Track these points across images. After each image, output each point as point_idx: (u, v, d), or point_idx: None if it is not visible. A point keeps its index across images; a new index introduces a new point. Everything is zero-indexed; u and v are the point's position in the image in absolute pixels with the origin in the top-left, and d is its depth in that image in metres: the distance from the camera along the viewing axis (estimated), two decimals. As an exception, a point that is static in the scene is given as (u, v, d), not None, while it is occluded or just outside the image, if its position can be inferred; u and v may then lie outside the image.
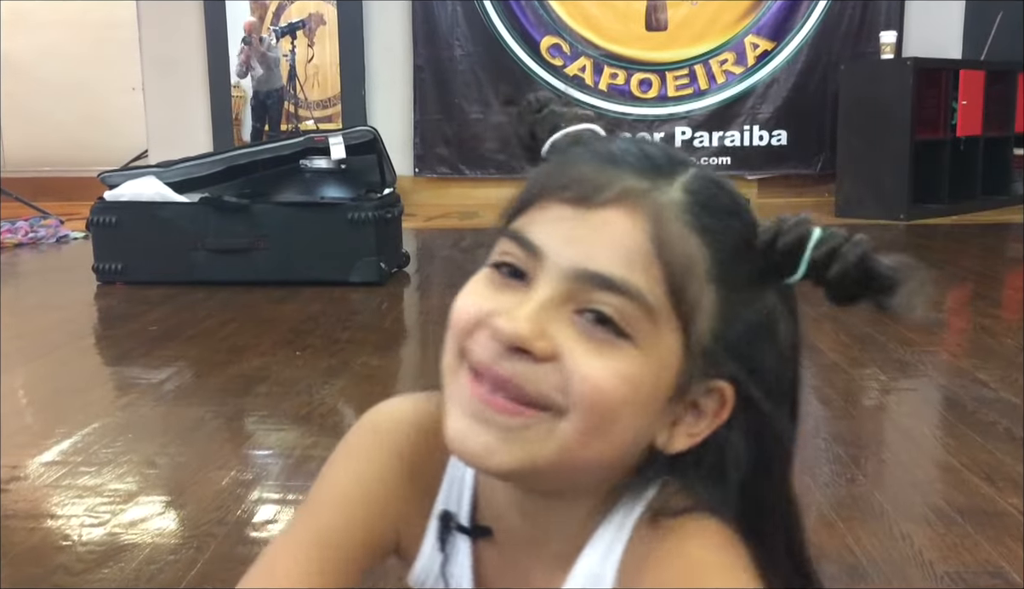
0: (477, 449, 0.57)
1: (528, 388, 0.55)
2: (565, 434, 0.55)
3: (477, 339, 0.57)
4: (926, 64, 4.99)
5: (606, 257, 0.55)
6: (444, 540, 0.67)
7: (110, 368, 2.55)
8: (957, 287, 3.42)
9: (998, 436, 1.76)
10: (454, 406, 0.58)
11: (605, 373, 0.55)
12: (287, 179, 3.54)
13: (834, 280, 0.56)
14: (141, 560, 1.32)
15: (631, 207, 0.56)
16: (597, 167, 0.58)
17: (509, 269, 0.58)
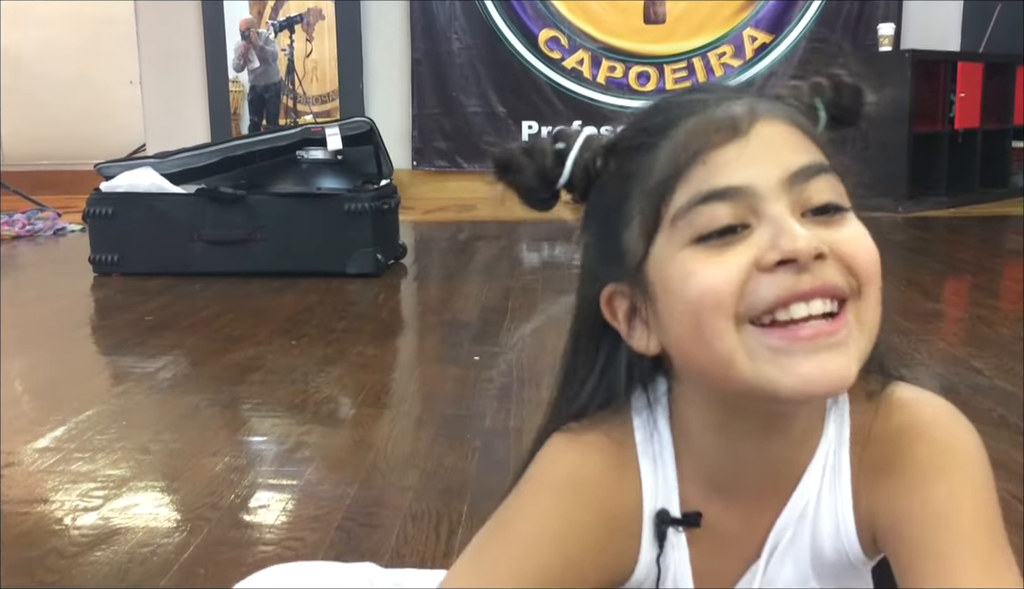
0: (838, 373, 0.58)
1: (839, 282, 0.58)
2: (867, 311, 0.59)
3: (752, 288, 0.58)
4: (924, 56, 4.98)
5: (795, 155, 0.60)
6: (663, 536, 0.67)
7: (106, 357, 2.55)
8: (955, 278, 3.42)
9: (993, 423, 1.75)
10: (780, 362, 0.58)
11: (863, 236, 0.61)
12: (284, 170, 3.54)
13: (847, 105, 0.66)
14: (134, 543, 1.31)
15: (765, 118, 0.61)
16: (705, 115, 0.62)
17: (719, 232, 0.59)
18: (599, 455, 0.67)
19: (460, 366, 2.22)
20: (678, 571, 0.68)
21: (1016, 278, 3.47)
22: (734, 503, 0.68)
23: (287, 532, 1.35)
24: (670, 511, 0.67)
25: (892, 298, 2.98)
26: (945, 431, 0.64)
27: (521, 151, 0.67)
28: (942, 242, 4.16)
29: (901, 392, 0.66)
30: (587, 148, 0.65)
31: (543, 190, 0.67)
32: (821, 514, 0.66)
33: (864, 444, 0.65)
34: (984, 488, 0.62)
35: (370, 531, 1.34)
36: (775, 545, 0.67)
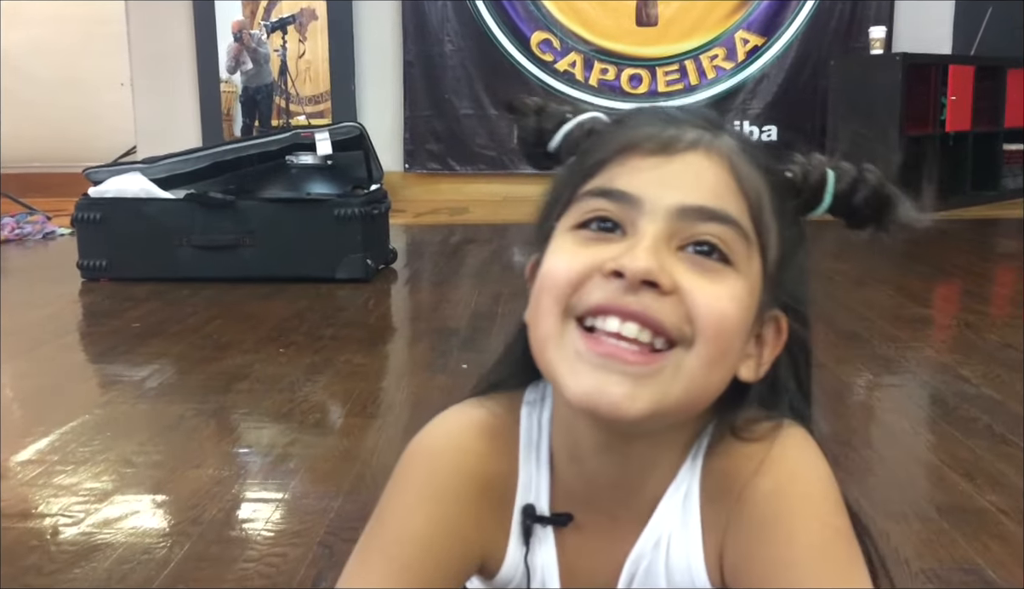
0: (616, 399, 0.57)
1: (665, 320, 0.58)
2: (692, 367, 0.58)
3: (588, 288, 0.59)
4: (916, 59, 4.98)
5: (700, 193, 0.60)
6: (528, 533, 0.68)
7: (92, 365, 2.54)
8: (944, 283, 3.42)
9: (978, 432, 1.76)
10: (574, 366, 0.59)
11: (724, 298, 0.59)
12: (273, 175, 3.53)
13: (860, 205, 0.64)
14: (114, 560, 1.31)
15: (706, 150, 0.61)
16: (662, 124, 0.63)
17: (599, 223, 0.61)
18: (478, 429, 0.69)
19: (448, 374, 2.21)
20: (546, 573, 0.69)
21: (1005, 283, 3.47)
22: (597, 518, 0.68)
23: (269, 548, 1.35)
24: (538, 507, 0.68)
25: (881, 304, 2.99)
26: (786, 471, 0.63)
27: (534, 105, 0.70)
28: (932, 245, 4.15)
29: (763, 428, 0.65)
30: (581, 126, 0.68)
31: (536, 146, 0.70)
32: (673, 547, 0.66)
33: (717, 481, 0.65)
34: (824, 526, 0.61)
35: (352, 546, 1.33)
36: (633, 573, 0.67)
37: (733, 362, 0.61)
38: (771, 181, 0.63)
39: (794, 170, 0.64)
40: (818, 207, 0.65)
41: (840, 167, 0.65)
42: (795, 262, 0.65)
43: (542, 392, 0.70)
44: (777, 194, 0.63)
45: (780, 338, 0.65)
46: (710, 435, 0.66)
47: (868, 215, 0.65)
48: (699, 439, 0.66)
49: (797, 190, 0.64)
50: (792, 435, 0.65)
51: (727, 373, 0.61)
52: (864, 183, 0.64)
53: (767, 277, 0.62)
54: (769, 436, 0.64)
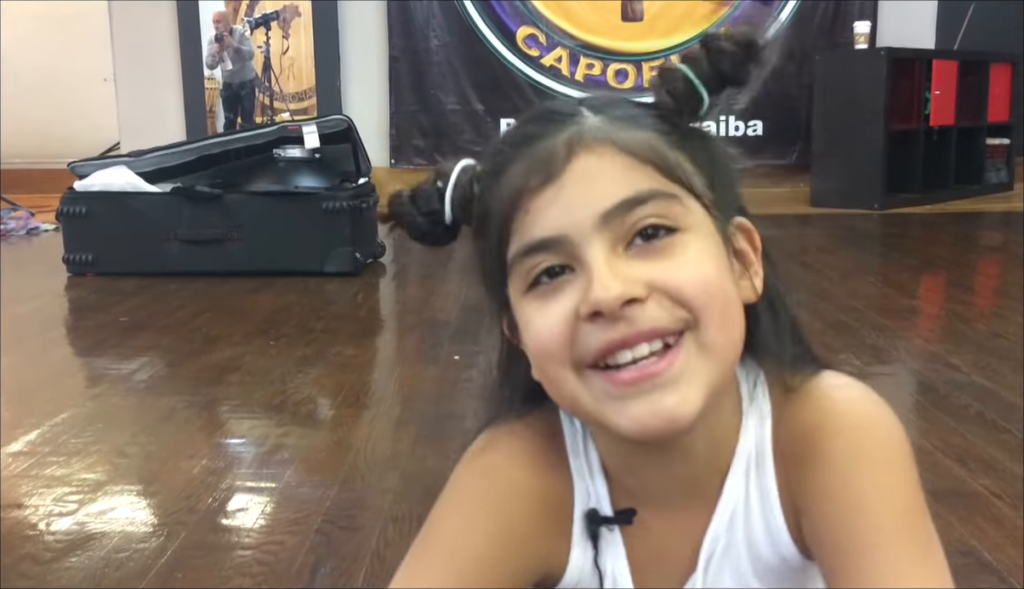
0: (668, 413, 0.57)
1: (658, 323, 0.57)
2: (710, 338, 0.58)
3: (580, 338, 0.58)
4: (900, 54, 5.02)
5: (609, 190, 0.58)
6: (596, 536, 0.67)
7: (80, 359, 2.52)
8: (931, 275, 3.45)
9: (970, 419, 1.77)
10: (614, 407, 0.58)
11: (693, 263, 0.58)
12: (260, 168, 3.51)
13: (729, 68, 0.61)
14: (109, 548, 1.30)
15: (585, 149, 0.59)
16: (527, 154, 0.60)
17: (547, 273, 0.59)
18: (528, 447, 0.68)
19: (440, 366, 2.21)
20: (616, 573, 0.68)
21: (991, 274, 3.50)
22: (661, 510, 0.67)
23: (266, 536, 1.34)
24: (600, 511, 0.67)
25: (869, 295, 3.01)
26: (860, 424, 0.62)
27: (408, 198, 0.67)
28: (918, 239, 4.19)
29: (823, 382, 0.65)
30: (459, 184, 0.65)
31: (435, 231, 0.67)
32: (752, 517, 0.65)
33: (786, 444, 0.64)
34: (902, 481, 0.60)
35: (351, 534, 1.33)
36: (710, 555, 0.66)
37: (736, 303, 0.61)
38: (652, 124, 0.61)
39: (660, 97, 0.62)
40: (702, 105, 0.62)
41: (689, 56, 0.62)
42: (721, 170, 0.63)
43: None
44: (665, 131, 0.61)
45: (754, 239, 0.64)
46: (767, 403, 0.65)
47: (743, 69, 0.61)
48: (748, 400, 0.65)
49: (677, 110, 0.62)
50: (845, 386, 0.65)
51: (739, 319, 0.61)
52: (716, 49, 0.61)
53: (710, 207, 0.61)
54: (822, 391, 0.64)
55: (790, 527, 0.64)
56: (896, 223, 4.56)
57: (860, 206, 4.86)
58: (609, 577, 0.68)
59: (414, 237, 0.67)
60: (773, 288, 0.66)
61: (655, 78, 0.62)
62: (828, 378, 0.65)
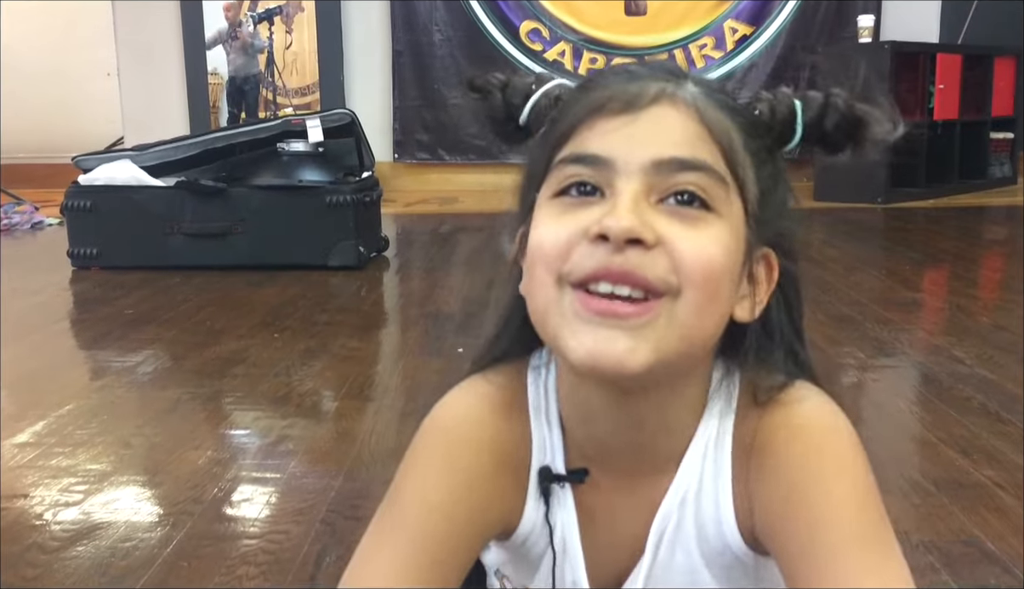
0: (617, 354, 0.58)
1: (649, 274, 0.58)
2: (684, 314, 0.59)
3: (577, 254, 0.59)
4: (903, 48, 5.01)
5: (672, 144, 0.60)
6: (547, 492, 0.69)
7: (85, 351, 2.52)
8: (934, 268, 3.45)
9: (973, 411, 1.77)
10: (574, 327, 0.59)
11: (708, 243, 0.59)
12: (264, 162, 3.51)
13: (832, 130, 0.63)
14: (116, 537, 1.30)
15: (671, 102, 0.61)
16: (623, 83, 0.63)
17: (579, 188, 0.61)
18: (489, 402, 0.70)
19: (444, 358, 2.21)
20: (566, 530, 0.69)
21: (995, 268, 3.50)
22: (614, 476, 0.68)
23: (271, 526, 1.35)
24: (554, 468, 0.69)
25: (872, 288, 3.01)
26: (818, 429, 0.64)
27: (498, 82, 0.70)
28: (921, 233, 4.18)
29: (786, 392, 0.66)
30: (547, 94, 0.68)
31: (506, 122, 0.70)
32: (703, 500, 0.66)
33: (745, 440, 0.65)
34: (859, 486, 0.62)
35: (355, 524, 1.33)
36: (661, 531, 0.67)
37: (726, 305, 0.62)
38: (740, 122, 0.63)
39: (761, 107, 0.64)
40: (792, 139, 0.64)
41: (806, 96, 0.64)
42: (776, 198, 0.65)
43: (546, 358, 0.71)
44: (748, 134, 0.63)
45: (772, 274, 0.66)
46: (735, 397, 0.67)
47: (842, 138, 0.64)
48: (715, 392, 0.67)
49: (768, 127, 0.64)
50: (813, 395, 0.66)
51: (720, 317, 0.62)
52: (832, 107, 0.63)
53: (750, 216, 0.62)
54: (790, 398, 0.65)
55: (740, 521, 0.65)
56: (900, 217, 4.56)
57: (863, 200, 4.85)
58: (559, 533, 0.69)
59: (487, 115, 0.70)
60: (775, 326, 0.68)
61: (768, 93, 0.64)
62: (793, 388, 0.66)
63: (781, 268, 0.66)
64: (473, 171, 5.85)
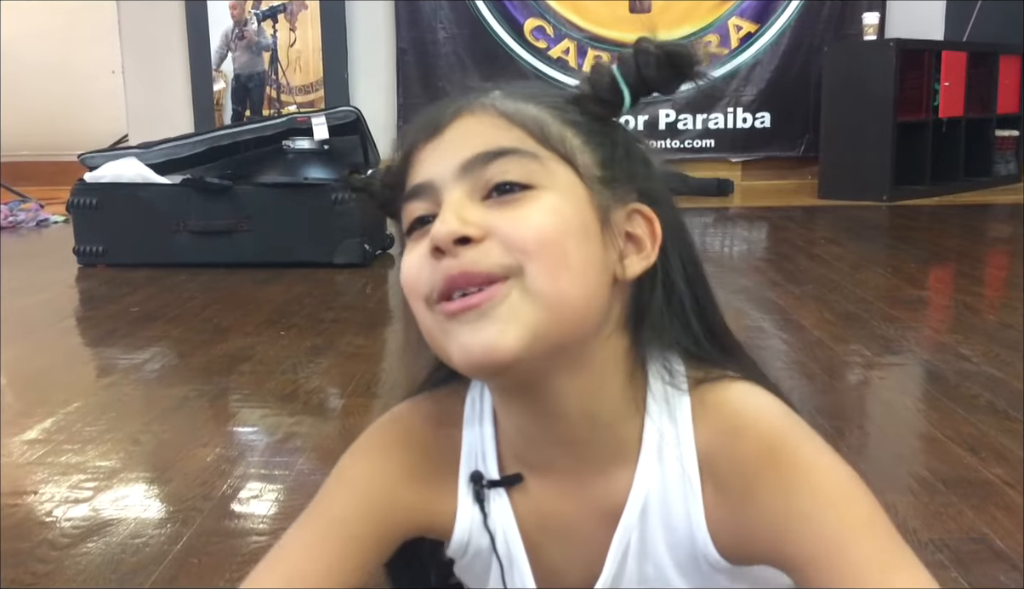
0: (484, 344, 0.60)
1: (483, 265, 0.60)
2: (535, 284, 0.60)
3: (426, 273, 0.62)
4: (908, 45, 5.00)
5: (475, 144, 0.63)
6: (480, 498, 0.70)
7: (92, 349, 2.53)
8: (940, 266, 3.44)
9: (981, 408, 1.77)
10: (448, 335, 0.62)
11: (533, 215, 0.61)
12: (270, 160, 3.52)
13: (654, 74, 0.65)
14: (126, 534, 1.31)
15: (469, 112, 0.65)
16: (430, 113, 0.67)
17: (420, 221, 0.65)
18: (423, 413, 0.74)
19: (450, 355, 2.21)
20: (508, 536, 0.71)
21: (1000, 265, 3.49)
22: (561, 480, 0.69)
23: (280, 522, 1.35)
24: (486, 474, 0.71)
25: (878, 286, 3.00)
26: (788, 443, 0.63)
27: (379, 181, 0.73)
28: (927, 230, 4.18)
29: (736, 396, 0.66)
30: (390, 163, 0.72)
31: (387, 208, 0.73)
32: (671, 513, 0.66)
33: (713, 460, 0.65)
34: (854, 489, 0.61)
35: (364, 520, 1.33)
36: (625, 546, 0.67)
37: (585, 268, 0.62)
38: (549, 102, 0.65)
39: (581, 86, 0.67)
40: (623, 101, 0.66)
41: (620, 56, 0.66)
42: (621, 157, 0.67)
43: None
44: (562, 110, 0.65)
45: (654, 227, 0.66)
46: (685, 396, 0.67)
47: (667, 76, 0.65)
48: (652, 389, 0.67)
49: (595, 99, 0.66)
50: (765, 401, 0.66)
51: (583, 280, 0.62)
52: (643, 52, 0.65)
53: (589, 180, 0.64)
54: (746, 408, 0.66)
55: (714, 535, 0.65)
56: (904, 215, 4.55)
57: (868, 198, 4.85)
58: (501, 539, 0.71)
59: (378, 207, 0.74)
60: (676, 284, 0.68)
61: (587, 71, 0.67)
62: (740, 390, 0.67)
63: (665, 219, 0.67)
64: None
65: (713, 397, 0.66)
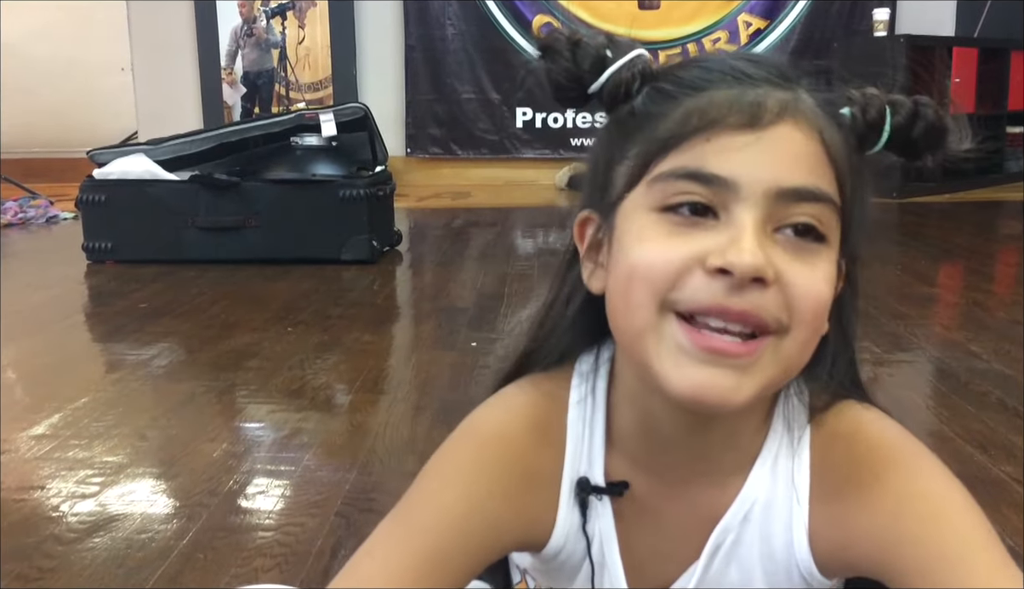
0: (721, 392, 0.56)
1: (764, 315, 0.56)
2: (789, 350, 0.57)
3: (691, 285, 0.56)
4: (919, 42, 4.97)
5: (796, 171, 0.57)
6: (584, 505, 0.66)
7: (100, 344, 2.53)
8: (950, 264, 3.42)
9: (991, 406, 1.76)
10: (677, 360, 0.57)
11: (819, 280, 0.57)
12: (278, 156, 3.51)
13: (918, 138, 0.60)
14: (132, 529, 1.31)
15: (793, 119, 0.57)
16: (738, 87, 0.59)
17: (690, 208, 0.57)
18: (524, 420, 0.67)
19: (457, 352, 2.21)
20: (604, 541, 0.67)
21: (1011, 263, 3.47)
22: (665, 485, 0.66)
23: (286, 518, 1.35)
24: (592, 479, 0.66)
25: (888, 283, 2.98)
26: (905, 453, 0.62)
27: (567, 41, 0.63)
28: (937, 227, 4.16)
29: (854, 415, 0.64)
30: (629, 67, 0.62)
31: (572, 88, 0.63)
32: (772, 521, 0.64)
33: (826, 468, 0.64)
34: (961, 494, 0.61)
35: (370, 516, 1.33)
36: (718, 545, 0.66)
37: (823, 331, 0.60)
38: (845, 135, 0.60)
39: (854, 110, 0.60)
40: (876, 144, 0.61)
41: (895, 101, 0.60)
42: (863, 209, 0.62)
43: (594, 363, 0.69)
44: (854, 149, 0.60)
45: (840, 282, 0.63)
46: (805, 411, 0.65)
47: (923, 146, 0.61)
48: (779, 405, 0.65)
49: (853, 129, 0.60)
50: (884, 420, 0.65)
51: (816, 344, 0.60)
52: (921, 117, 0.60)
53: (843, 234, 0.60)
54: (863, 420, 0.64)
55: (813, 543, 0.63)
56: (915, 212, 4.53)
57: (878, 195, 4.80)
58: (596, 544, 0.67)
59: (550, 77, 0.63)
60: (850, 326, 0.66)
61: (856, 92, 0.61)
62: (858, 410, 0.65)
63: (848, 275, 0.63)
64: (485, 166, 5.85)
65: (832, 415, 0.65)
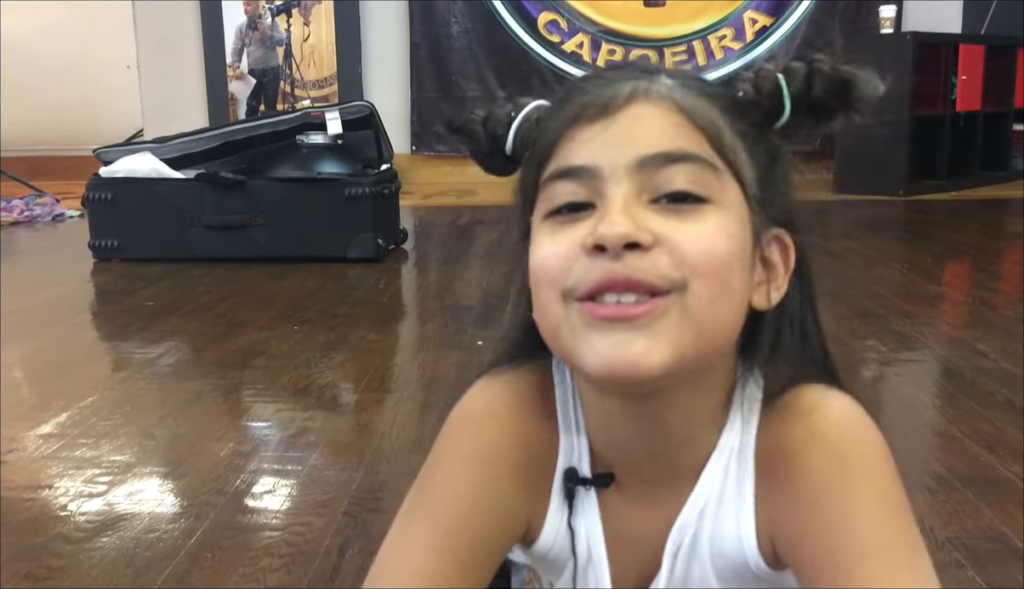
0: (632, 356, 0.57)
1: (650, 275, 0.57)
2: (696, 306, 0.57)
3: (578, 268, 0.58)
4: (926, 38, 4.96)
5: (654, 140, 0.59)
6: (571, 495, 0.68)
7: (107, 343, 2.54)
8: (956, 262, 3.41)
9: (998, 405, 1.75)
10: (587, 337, 0.58)
11: (707, 232, 0.58)
12: (284, 155, 3.52)
13: (821, 96, 0.61)
14: (140, 528, 1.31)
15: (645, 98, 0.60)
16: (596, 88, 0.61)
17: (569, 207, 0.60)
18: (517, 395, 0.69)
19: (463, 350, 2.21)
20: (590, 537, 0.68)
21: (1017, 261, 3.46)
22: (640, 484, 0.67)
23: (294, 517, 1.35)
24: (580, 471, 0.68)
25: (894, 281, 2.98)
26: (843, 438, 0.62)
27: (479, 118, 0.69)
28: (943, 225, 4.15)
29: (808, 397, 0.64)
30: (528, 118, 0.67)
31: (493, 155, 0.69)
32: (722, 516, 0.65)
33: (769, 452, 0.64)
34: (887, 494, 0.60)
35: (377, 515, 1.33)
36: (678, 545, 0.66)
37: (739, 294, 0.60)
38: (722, 105, 0.61)
39: (744, 87, 0.62)
40: (782, 113, 0.62)
41: (789, 67, 0.62)
42: (777, 175, 0.63)
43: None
44: (733, 116, 0.61)
45: (788, 255, 0.64)
46: (759, 402, 0.65)
47: (831, 103, 0.62)
48: (736, 399, 0.65)
49: (754, 105, 0.62)
50: (835, 400, 0.64)
51: (736, 307, 0.60)
52: (818, 73, 0.61)
53: (751, 199, 0.61)
54: (811, 403, 0.63)
55: (760, 535, 0.64)
56: (921, 209, 4.52)
57: (885, 192, 4.81)
58: (583, 539, 0.68)
59: (474, 152, 0.69)
60: (790, 309, 0.66)
61: (749, 72, 0.63)
62: (815, 392, 0.65)
63: (798, 246, 0.64)
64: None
65: (786, 400, 0.64)
